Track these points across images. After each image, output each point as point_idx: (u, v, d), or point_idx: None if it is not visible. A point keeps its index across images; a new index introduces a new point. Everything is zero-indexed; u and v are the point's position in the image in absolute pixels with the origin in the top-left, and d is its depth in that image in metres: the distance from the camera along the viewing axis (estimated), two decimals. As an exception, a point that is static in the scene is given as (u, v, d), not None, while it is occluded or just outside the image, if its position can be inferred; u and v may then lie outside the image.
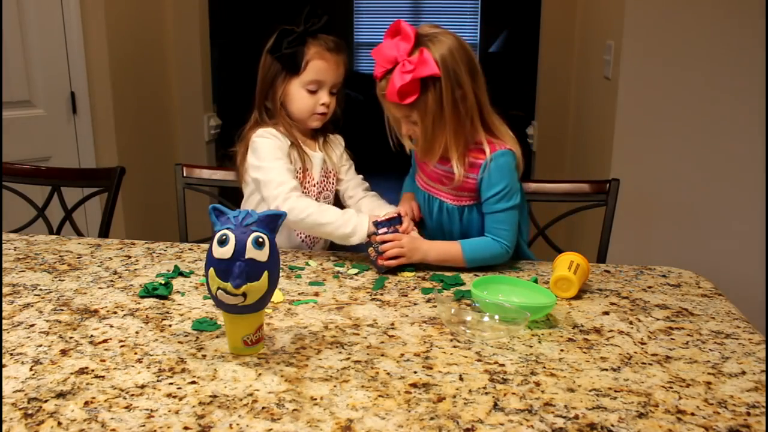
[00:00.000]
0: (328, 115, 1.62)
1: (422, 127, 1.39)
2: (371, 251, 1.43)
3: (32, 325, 1.14)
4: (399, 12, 7.13)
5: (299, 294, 1.30)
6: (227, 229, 0.97)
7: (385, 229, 1.43)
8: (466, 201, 1.49)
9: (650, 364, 1.03)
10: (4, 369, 0.99)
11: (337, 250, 1.57)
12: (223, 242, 0.96)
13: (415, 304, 1.26)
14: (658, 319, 1.20)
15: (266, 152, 1.54)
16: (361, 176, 1.72)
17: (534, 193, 1.76)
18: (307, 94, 1.57)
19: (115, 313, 1.20)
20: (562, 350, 1.07)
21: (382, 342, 1.09)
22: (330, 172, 1.66)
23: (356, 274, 1.41)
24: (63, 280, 1.35)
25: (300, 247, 1.63)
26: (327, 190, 1.65)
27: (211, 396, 0.92)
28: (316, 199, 1.60)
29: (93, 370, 0.98)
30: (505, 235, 1.44)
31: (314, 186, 1.62)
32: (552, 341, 1.10)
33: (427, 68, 1.32)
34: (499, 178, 1.42)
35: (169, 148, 3.32)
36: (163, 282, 1.32)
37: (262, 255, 0.97)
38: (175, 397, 0.91)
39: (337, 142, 1.71)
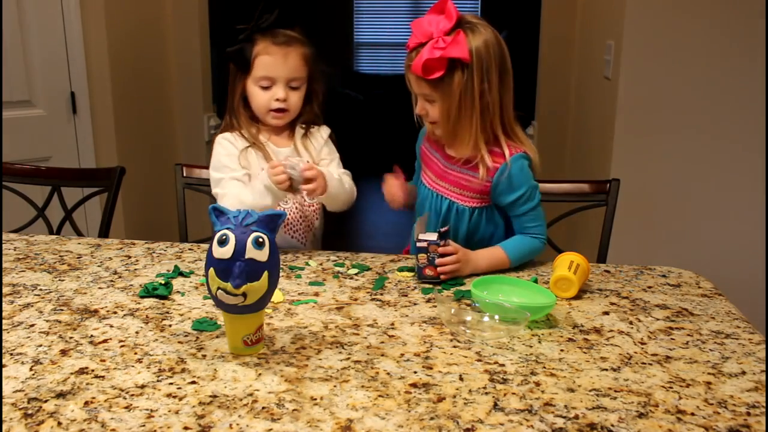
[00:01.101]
0: (289, 111, 1.59)
1: (443, 109, 1.39)
2: (422, 257, 1.36)
3: (32, 325, 1.14)
4: (399, 12, 7.13)
5: (299, 294, 1.30)
6: (227, 229, 0.97)
7: (443, 242, 1.36)
8: (476, 203, 1.48)
9: (650, 364, 1.03)
10: (4, 369, 0.99)
11: (337, 250, 1.57)
12: (223, 242, 0.96)
13: (415, 304, 1.26)
14: (658, 319, 1.20)
15: (216, 161, 1.58)
16: (343, 170, 1.66)
17: (534, 193, 1.76)
18: (260, 90, 1.56)
19: (115, 313, 1.20)
20: (562, 350, 1.07)
21: (382, 342, 1.09)
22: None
23: (356, 274, 1.41)
24: (63, 280, 1.35)
25: (292, 245, 1.62)
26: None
27: (211, 396, 0.92)
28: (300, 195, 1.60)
29: (93, 370, 0.98)
30: (537, 231, 1.47)
31: (300, 192, 1.60)
32: (552, 341, 1.10)
33: (457, 50, 1.32)
34: (520, 182, 1.43)
35: (169, 148, 3.32)
36: (163, 282, 1.32)
37: (262, 255, 0.97)
38: (175, 397, 0.91)
39: (319, 134, 1.66)
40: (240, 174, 1.55)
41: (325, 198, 1.55)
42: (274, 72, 1.55)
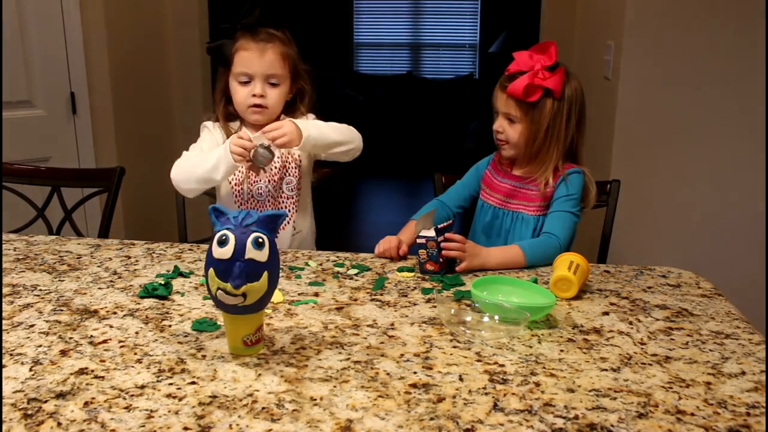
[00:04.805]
0: (268, 108, 1.61)
1: (529, 132, 1.53)
2: (422, 253, 1.40)
3: (32, 326, 1.14)
4: (399, 12, 7.12)
5: (299, 294, 1.30)
6: (227, 229, 0.97)
7: (442, 237, 1.40)
8: (541, 211, 1.57)
9: (650, 365, 1.03)
10: (4, 369, 0.99)
11: (337, 250, 1.57)
12: (223, 242, 0.96)
13: (415, 304, 1.26)
14: (658, 320, 1.20)
15: (195, 145, 1.68)
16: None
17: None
18: (240, 86, 1.60)
19: (114, 313, 1.20)
20: (562, 350, 1.07)
21: (382, 342, 1.09)
22: (288, 157, 1.66)
23: (356, 275, 1.41)
24: (63, 281, 1.35)
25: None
26: (290, 175, 1.66)
27: (211, 396, 0.92)
28: (278, 187, 1.63)
29: (93, 371, 0.98)
30: (561, 233, 1.50)
31: (265, 175, 1.63)
32: (552, 341, 1.10)
33: (555, 83, 1.50)
34: (573, 186, 1.56)
35: (169, 148, 3.32)
36: (162, 282, 1.32)
37: (262, 255, 0.97)
38: (174, 397, 0.91)
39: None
40: (206, 148, 1.62)
41: (312, 140, 1.54)
42: (252, 67, 1.57)
